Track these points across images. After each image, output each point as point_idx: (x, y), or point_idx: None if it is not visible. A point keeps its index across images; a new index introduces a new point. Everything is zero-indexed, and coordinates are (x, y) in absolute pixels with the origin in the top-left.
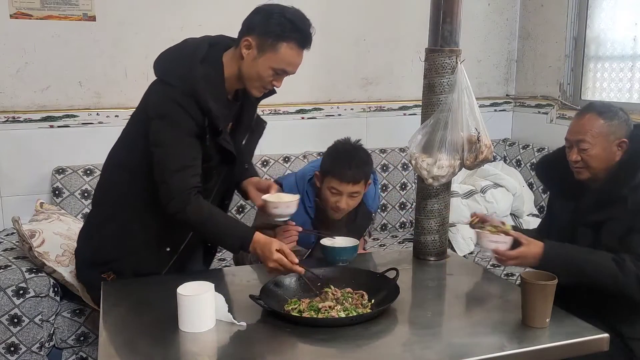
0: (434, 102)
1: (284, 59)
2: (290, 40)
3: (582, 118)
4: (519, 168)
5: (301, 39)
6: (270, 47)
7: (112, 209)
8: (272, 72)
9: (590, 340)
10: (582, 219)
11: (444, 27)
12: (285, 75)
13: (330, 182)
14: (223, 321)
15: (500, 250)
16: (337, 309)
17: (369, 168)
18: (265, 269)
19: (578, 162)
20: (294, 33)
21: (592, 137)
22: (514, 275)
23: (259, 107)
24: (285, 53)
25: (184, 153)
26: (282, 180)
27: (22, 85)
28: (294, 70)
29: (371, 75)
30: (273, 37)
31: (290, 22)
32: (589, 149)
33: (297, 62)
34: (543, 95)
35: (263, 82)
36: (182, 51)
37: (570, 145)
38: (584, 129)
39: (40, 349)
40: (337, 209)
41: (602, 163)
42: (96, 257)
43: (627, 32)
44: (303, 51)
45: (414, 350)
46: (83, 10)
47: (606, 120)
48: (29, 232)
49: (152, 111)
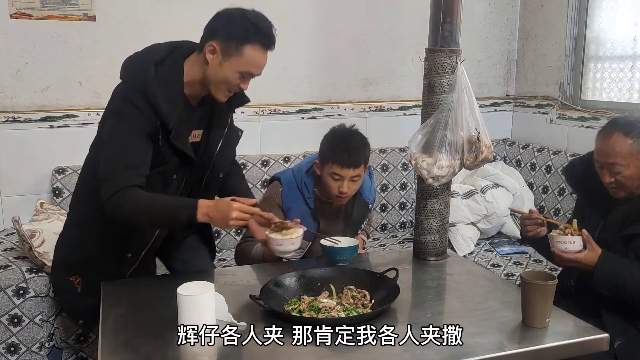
0: (434, 102)
1: (249, 61)
2: (254, 42)
3: (609, 139)
4: (519, 168)
5: (265, 41)
6: (235, 51)
7: (79, 213)
8: (239, 75)
9: (590, 340)
10: (611, 232)
11: (444, 27)
12: (252, 77)
13: (331, 168)
14: (223, 321)
15: (569, 250)
16: (337, 309)
17: (367, 150)
18: (229, 224)
19: (612, 183)
20: (257, 35)
21: (624, 159)
22: (514, 275)
23: (259, 105)
24: (250, 55)
25: (131, 151)
26: (279, 175)
27: (22, 85)
28: (259, 72)
29: (371, 75)
30: (237, 41)
31: (253, 25)
32: (622, 170)
33: (262, 64)
34: (543, 95)
35: (230, 86)
36: (142, 54)
37: (601, 166)
38: (613, 150)
39: (40, 349)
40: (340, 194)
41: (637, 181)
42: (66, 260)
43: (627, 32)
44: (267, 52)
45: (414, 350)
46: (83, 10)
47: (635, 139)
48: (29, 232)
49: (107, 110)
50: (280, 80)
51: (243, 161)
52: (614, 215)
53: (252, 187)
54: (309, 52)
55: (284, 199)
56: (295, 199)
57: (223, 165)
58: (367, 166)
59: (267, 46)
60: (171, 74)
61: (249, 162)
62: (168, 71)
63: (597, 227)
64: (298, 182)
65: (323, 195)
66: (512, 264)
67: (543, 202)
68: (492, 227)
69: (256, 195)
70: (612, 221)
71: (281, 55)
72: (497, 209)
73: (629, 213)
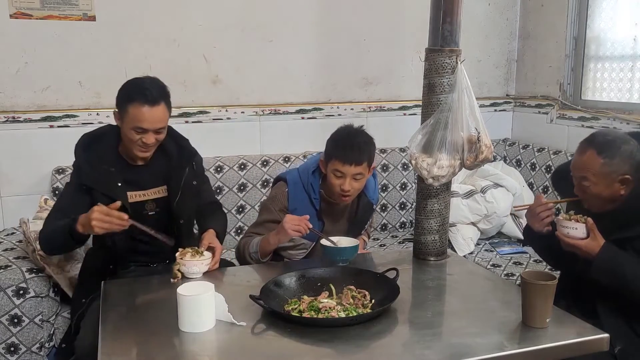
0: (434, 102)
1: (135, 117)
2: (133, 101)
3: (584, 154)
4: (519, 168)
5: (142, 97)
6: (124, 112)
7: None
8: (134, 132)
9: (590, 340)
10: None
11: (444, 27)
12: (145, 132)
13: (334, 165)
14: (223, 321)
15: (570, 235)
16: (337, 309)
17: (371, 149)
18: (95, 229)
19: (584, 195)
20: (135, 94)
21: (593, 176)
22: (514, 275)
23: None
24: (132, 112)
25: (61, 202)
26: (285, 175)
27: (22, 85)
28: (151, 126)
29: (371, 75)
30: (123, 104)
31: (133, 86)
32: (589, 186)
33: (147, 118)
34: (543, 95)
35: (133, 144)
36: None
37: (575, 177)
38: (585, 166)
39: (40, 349)
40: (342, 192)
41: (605, 198)
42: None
43: (627, 32)
44: (154, 106)
45: (414, 350)
46: (83, 10)
47: (606, 159)
48: (35, 234)
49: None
50: (280, 80)
51: (243, 161)
52: (603, 220)
53: (252, 187)
54: (309, 52)
55: (290, 200)
56: (301, 200)
57: (182, 214)
58: (371, 166)
59: (145, 101)
60: (102, 143)
61: (249, 162)
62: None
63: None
64: (304, 182)
65: (328, 196)
66: (512, 264)
67: None
68: (492, 227)
69: (257, 195)
70: (601, 226)
71: (281, 55)
72: (497, 209)
73: (617, 218)
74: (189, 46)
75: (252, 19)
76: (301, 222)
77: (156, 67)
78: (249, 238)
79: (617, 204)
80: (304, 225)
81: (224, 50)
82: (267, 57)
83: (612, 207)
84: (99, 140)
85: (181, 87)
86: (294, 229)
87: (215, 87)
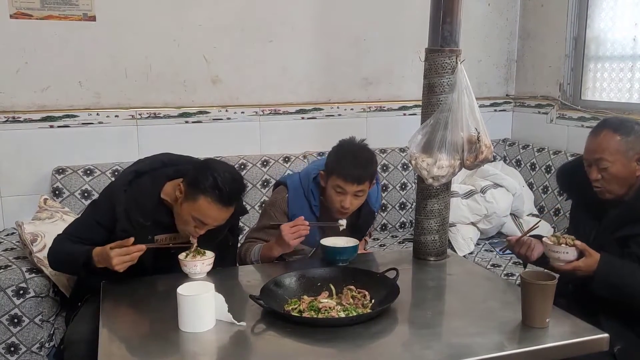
0: (434, 102)
1: (201, 210)
2: (208, 195)
3: (598, 136)
4: (519, 168)
5: (219, 196)
6: (192, 196)
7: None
8: (192, 219)
9: (590, 340)
10: (606, 235)
11: (444, 27)
12: (205, 227)
13: (335, 181)
14: (223, 321)
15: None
16: (337, 309)
17: (374, 168)
18: (116, 268)
19: (598, 181)
20: (213, 189)
21: (611, 155)
22: (514, 275)
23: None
24: (202, 205)
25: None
26: (286, 180)
27: (22, 85)
28: (213, 223)
29: (371, 75)
30: (194, 188)
31: (214, 178)
32: (608, 167)
33: (214, 216)
34: (543, 95)
35: (186, 227)
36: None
37: (589, 164)
38: (601, 147)
39: (40, 349)
40: (342, 208)
41: (623, 180)
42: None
43: (627, 32)
44: (226, 207)
45: (414, 350)
46: (83, 10)
47: (623, 137)
48: (31, 236)
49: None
50: (280, 80)
51: (243, 161)
52: (608, 218)
53: (252, 187)
54: (309, 52)
55: (290, 205)
56: (301, 206)
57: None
58: (372, 182)
59: (220, 202)
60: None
61: (249, 162)
62: (140, 189)
63: (592, 230)
64: (305, 188)
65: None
66: (512, 264)
67: (543, 202)
68: (492, 227)
69: (257, 195)
70: (606, 224)
71: (281, 55)
72: (497, 209)
73: (623, 215)
74: (189, 46)
75: (252, 19)
76: (298, 228)
77: (156, 67)
78: (250, 244)
79: (632, 192)
80: (302, 228)
81: (224, 50)
82: (267, 57)
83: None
84: (139, 182)
85: (181, 87)
86: (295, 237)
87: (215, 87)
